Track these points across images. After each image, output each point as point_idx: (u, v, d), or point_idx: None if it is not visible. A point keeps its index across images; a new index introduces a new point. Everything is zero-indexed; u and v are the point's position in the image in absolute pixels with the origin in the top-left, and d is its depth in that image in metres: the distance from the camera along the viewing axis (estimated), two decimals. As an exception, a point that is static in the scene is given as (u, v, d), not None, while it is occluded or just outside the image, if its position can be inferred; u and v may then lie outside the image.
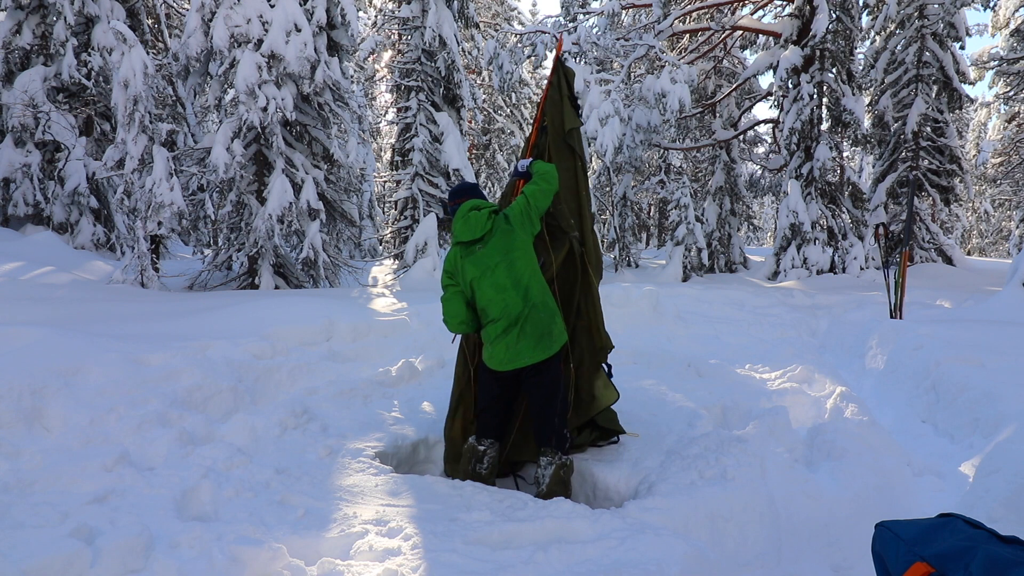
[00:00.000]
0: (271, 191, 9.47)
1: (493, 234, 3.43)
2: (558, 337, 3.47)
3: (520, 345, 3.40)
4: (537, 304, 3.43)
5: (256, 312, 5.99)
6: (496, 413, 3.61)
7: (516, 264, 3.41)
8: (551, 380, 3.48)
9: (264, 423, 3.87)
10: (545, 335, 3.42)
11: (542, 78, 32.45)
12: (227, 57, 9.23)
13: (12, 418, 3.29)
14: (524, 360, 3.40)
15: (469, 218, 3.44)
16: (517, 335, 3.40)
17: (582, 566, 2.53)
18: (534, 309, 3.42)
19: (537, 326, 3.41)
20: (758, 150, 21.79)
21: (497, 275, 3.41)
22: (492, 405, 3.60)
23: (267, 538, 2.61)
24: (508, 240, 3.42)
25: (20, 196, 10.96)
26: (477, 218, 3.43)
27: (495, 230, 3.44)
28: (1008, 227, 36.06)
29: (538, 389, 3.51)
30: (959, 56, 16.15)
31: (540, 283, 3.49)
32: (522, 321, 3.40)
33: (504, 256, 3.40)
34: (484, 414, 3.65)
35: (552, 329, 3.45)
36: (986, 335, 5.56)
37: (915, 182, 13.40)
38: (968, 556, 1.21)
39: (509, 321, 3.42)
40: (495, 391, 3.58)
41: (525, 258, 3.44)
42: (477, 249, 3.43)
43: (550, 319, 3.45)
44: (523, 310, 3.41)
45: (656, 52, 14.95)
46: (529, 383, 3.52)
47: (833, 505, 3.27)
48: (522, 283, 3.41)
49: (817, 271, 14.57)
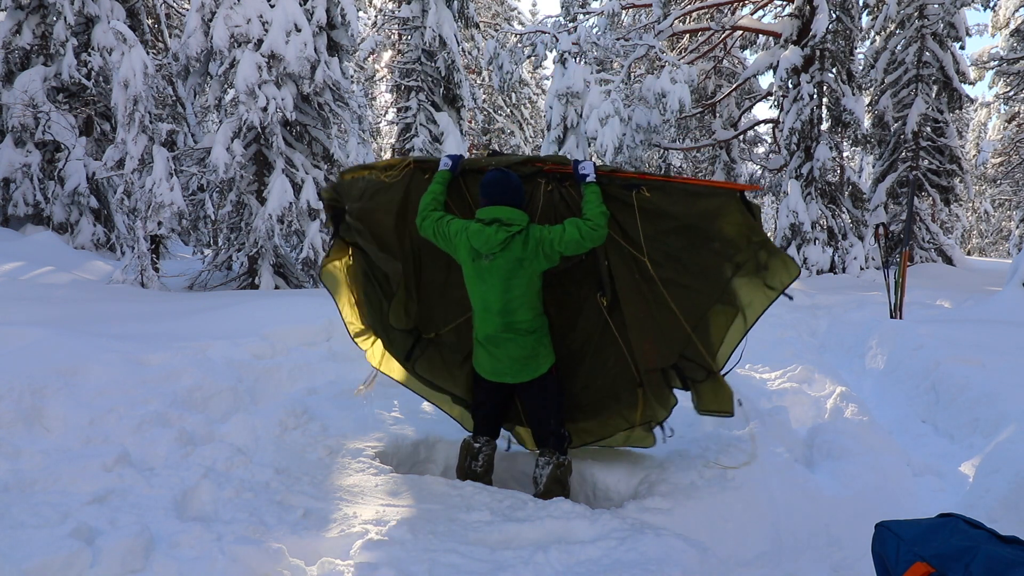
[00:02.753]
0: (271, 191, 9.47)
1: (503, 254, 3.22)
2: (544, 360, 3.42)
3: (503, 364, 3.40)
4: (521, 331, 3.34)
5: (256, 312, 5.99)
6: (489, 412, 3.63)
7: (512, 290, 3.28)
8: (541, 388, 3.48)
9: (264, 423, 3.87)
10: (530, 358, 3.38)
11: (543, 78, 32.49)
12: (227, 57, 9.23)
13: (12, 418, 3.29)
14: (507, 378, 3.43)
15: (486, 232, 3.23)
16: (497, 350, 3.39)
17: (582, 566, 2.53)
18: (516, 334, 3.34)
19: (521, 349, 3.36)
20: (758, 150, 21.77)
21: (489, 291, 3.30)
22: (485, 402, 3.62)
23: (267, 538, 2.61)
24: (515, 267, 3.24)
25: (20, 196, 10.96)
26: (494, 237, 3.22)
27: (508, 251, 3.22)
28: (1008, 227, 36.05)
29: (530, 399, 3.55)
30: (959, 56, 16.15)
31: (531, 309, 3.35)
32: (498, 341, 3.36)
33: (504, 280, 3.27)
34: (478, 412, 3.67)
35: (539, 351, 3.40)
36: (986, 335, 5.56)
37: (915, 182, 13.42)
38: (968, 556, 1.21)
39: (484, 336, 3.41)
40: (484, 394, 3.61)
41: (524, 286, 3.30)
42: (484, 259, 3.27)
43: (536, 343, 3.38)
44: (498, 333, 3.34)
45: (656, 52, 14.95)
46: (521, 392, 3.56)
47: (833, 505, 3.27)
48: (510, 308, 3.31)
49: (817, 271, 14.57)
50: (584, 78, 14.34)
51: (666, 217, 3.25)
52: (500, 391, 3.57)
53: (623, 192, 3.28)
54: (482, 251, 3.25)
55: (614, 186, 3.29)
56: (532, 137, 31.92)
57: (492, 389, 3.56)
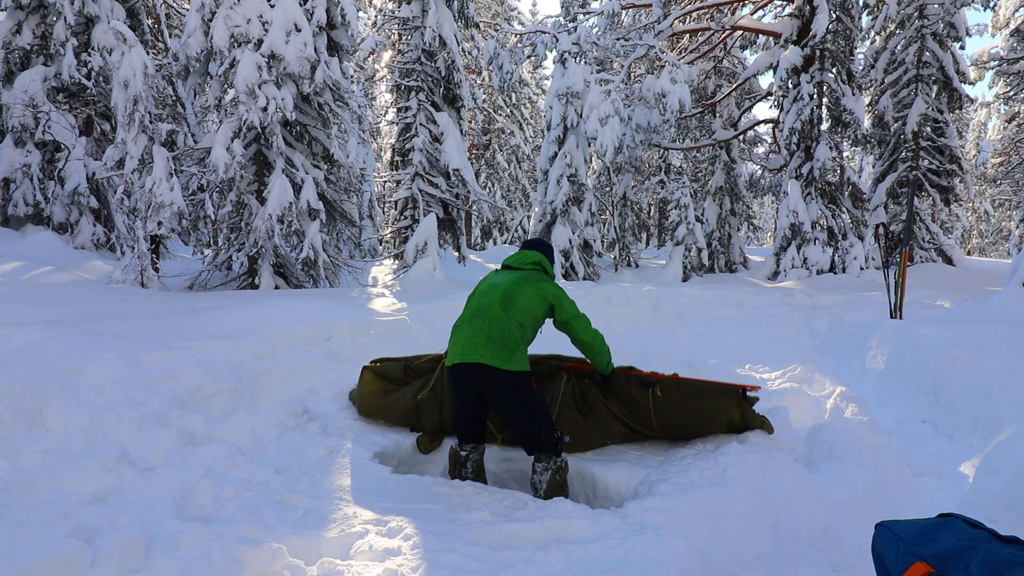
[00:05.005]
0: (271, 191, 9.47)
1: (521, 272, 3.71)
2: (518, 361, 3.42)
3: (476, 339, 3.43)
4: (512, 324, 3.47)
5: (256, 312, 5.99)
6: (468, 423, 3.62)
7: (515, 299, 3.54)
8: (516, 393, 3.43)
9: (264, 423, 3.87)
10: (506, 345, 3.41)
11: (543, 78, 32.49)
12: (227, 57, 9.23)
13: (12, 418, 3.29)
14: (476, 356, 3.39)
15: (522, 253, 3.87)
16: (479, 328, 3.46)
17: (582, 566, 2.53)
18: (508, 323, 3.45)
19: (503, 335, 3.42)
20: (758, 150, 21.78)
21: (492, 292, 3.60)
22: (462, 417, 3.62)
23: (267, 538, 2.61)
24: (526, 284, 3.61)
25: (20, 196, 10.95)
26: (528, 256, 3.82)
27: (528, 271, 3.73)
28: (1008, 227, 36.06)
29: (509, 407, 3.48)
30: (959, 56, 16.15)
31: (525, 319, 3.54)
32: (490, 319, 3.46)
33: (514, 284, 3.61)
34: (459, 426, 3.67)
35: (516, 348, 3.43)
36: (986, 335, 5.55)
37: (915, 182, 13.40)
38: (968, 556, 1.21)
39: (476, 313, 3.53)
40: (459, 407, 3.60)
41: (528, 299, 3.57)
42: (504, 271, 3.78)
43: (516, 344, 3.44)
44: (497, 312, 3.48)
45: (656, 52, 14.95)
46: (497, 401, 3.48)
47: (833, 505, 3.27)
48: (510, 302, 3.53)
49: (817, 271, 14.56)
50: (584, 78, 14.34)
51: (676, 414, 3.78)
52: (470, 395, 3.52)
53: (640, 390, 3.80)
54: (511, 262, 3.81)
55: (631, 385, 3.83)
56: (532, 137, 31.92)
57: (464, 393, 3.53)
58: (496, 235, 31.08)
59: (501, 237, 31.71)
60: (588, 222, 15.32)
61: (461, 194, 13.79)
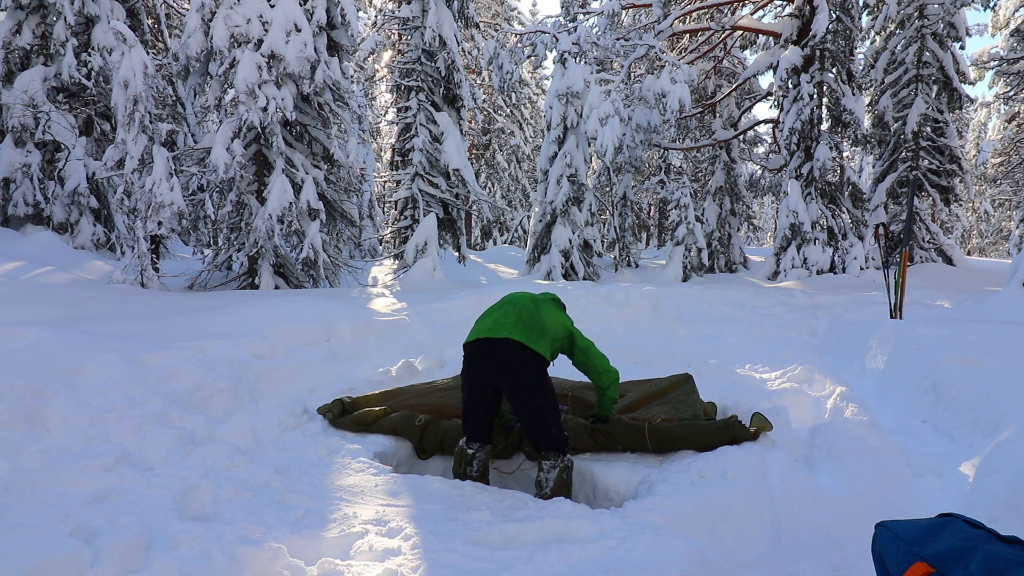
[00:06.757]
0: (271, 191, 9.47)
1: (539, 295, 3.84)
2: (543, 348, 3.50)
3: (506, 320, 3.52)
4: (541, 321, 3.57)
5: (256, 312, 5.99)
6: (478, 420, 3.59)
7: (542, 310, 3.66)
8: (534, 387, 3.44)
9: (264, 423, 3.87)
10: (536, 332, 3.50)
11: (543, 78, 32.49)
12: (227, 57, 9.23)
13: (12, 418, 3.29)
14: (505, 332, 3.45)
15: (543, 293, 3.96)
16: (509, 312, 3.57)
17: (582, 566, 2.53)
18: (538, 315, 3.58)
19: (534, 321, 3.55)
20: (758, 150, 21.78)
21: (519, 297, 3.73)
22: (474, 412, 3.59)
23: (267, 538, 2.61)
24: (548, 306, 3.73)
25: (20, 196, 10.95)
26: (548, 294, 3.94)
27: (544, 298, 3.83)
28: (1008, 227, 36.05)
29: (525, 402, 3.47)
30: (959, 56, 16.15)
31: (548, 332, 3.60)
32: (520, 307, 3.59)
33: (536, 301, 3.73)
34: (469, 422, 3.63)
35: (543, 339, 3.52)
36: (986, 335, 5.55)
37: (915, 182, 13.40)
38: (968, 556, 1.21)
39: (507, 301, 3.66)
40: (471, 400, 3.58)
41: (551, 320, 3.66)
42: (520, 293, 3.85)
43: (543, 334, 3.55)
44: (528, 303, 3.64)
45: (656, 52, 14.95)
46: (512, 390, 3.47)
47: (833, 505, 3.27)
48: (539, 312, 3.62)
49: (817, 271, 14.56)
50: (584, 78, 14.34)
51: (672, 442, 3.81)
52: (484, 384, 3.51)
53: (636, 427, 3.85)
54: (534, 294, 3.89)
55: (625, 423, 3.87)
56: (532, 137, 31.92)
57: (478, 381, 3.51)
58: (496, 235, 31.07)
59: (501, 237, 31.71)
60: (588, 222, 15.32)
61: (461, 194, 13.79)
